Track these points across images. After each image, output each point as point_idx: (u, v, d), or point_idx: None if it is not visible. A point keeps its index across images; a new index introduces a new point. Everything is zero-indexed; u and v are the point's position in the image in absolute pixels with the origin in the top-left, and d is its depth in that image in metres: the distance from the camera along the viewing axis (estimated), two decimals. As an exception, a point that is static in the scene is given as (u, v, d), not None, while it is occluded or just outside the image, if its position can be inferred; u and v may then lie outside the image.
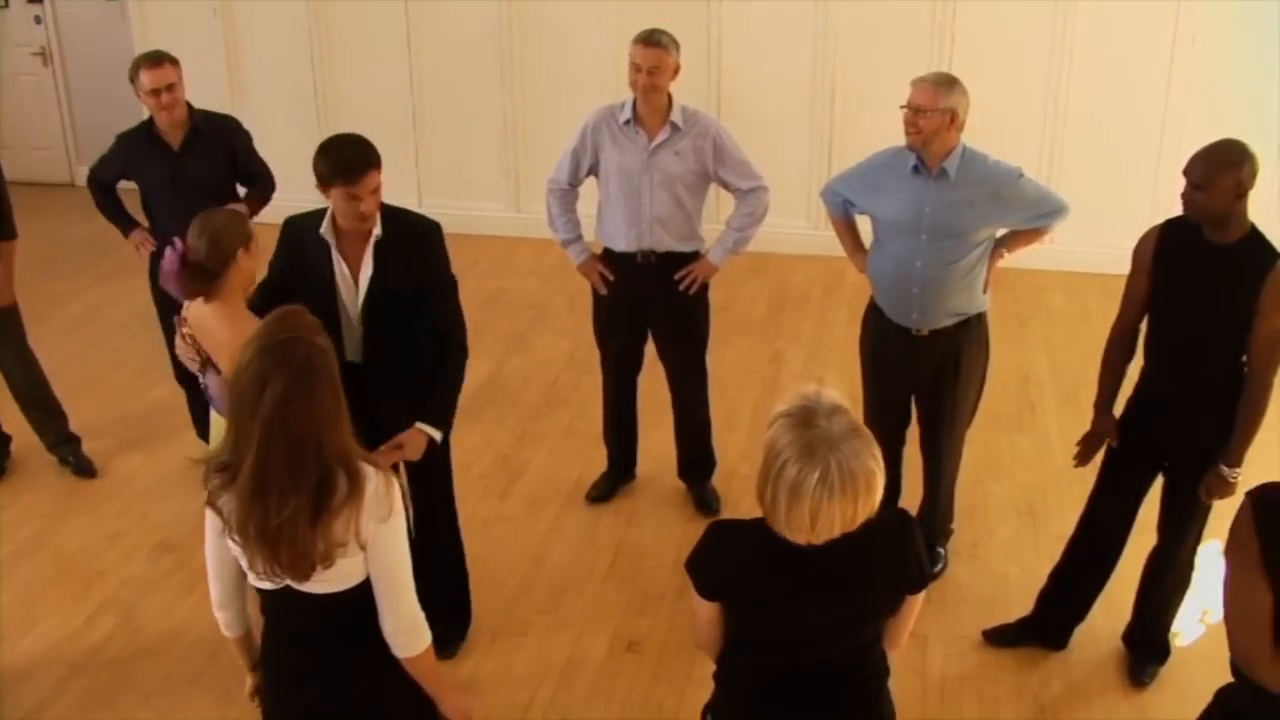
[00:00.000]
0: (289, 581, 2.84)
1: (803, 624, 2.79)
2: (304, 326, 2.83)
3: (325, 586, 2.85)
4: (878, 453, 2.69)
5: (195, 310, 4.08)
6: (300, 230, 4.25)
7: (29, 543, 5.57)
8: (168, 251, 3.97)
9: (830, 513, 2.62)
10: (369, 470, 2.81)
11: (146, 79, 5.48)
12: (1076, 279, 8.11)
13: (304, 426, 2.70)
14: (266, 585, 2.91)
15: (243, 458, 2.73)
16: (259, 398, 2.68)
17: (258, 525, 2.73)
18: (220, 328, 4.02)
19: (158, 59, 5.52)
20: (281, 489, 2.70)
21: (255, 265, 4.06)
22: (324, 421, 2.74)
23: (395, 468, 4.47)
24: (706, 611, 2.89)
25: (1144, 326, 4.38)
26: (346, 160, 4.02)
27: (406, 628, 2.95)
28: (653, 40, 5.11)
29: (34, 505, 5.86)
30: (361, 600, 2.89)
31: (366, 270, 4.19)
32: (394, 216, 4.23)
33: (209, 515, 2.88)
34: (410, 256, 4.23)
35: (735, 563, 2.82)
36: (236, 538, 2.81)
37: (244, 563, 2.88)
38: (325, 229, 4.17)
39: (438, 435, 4.23)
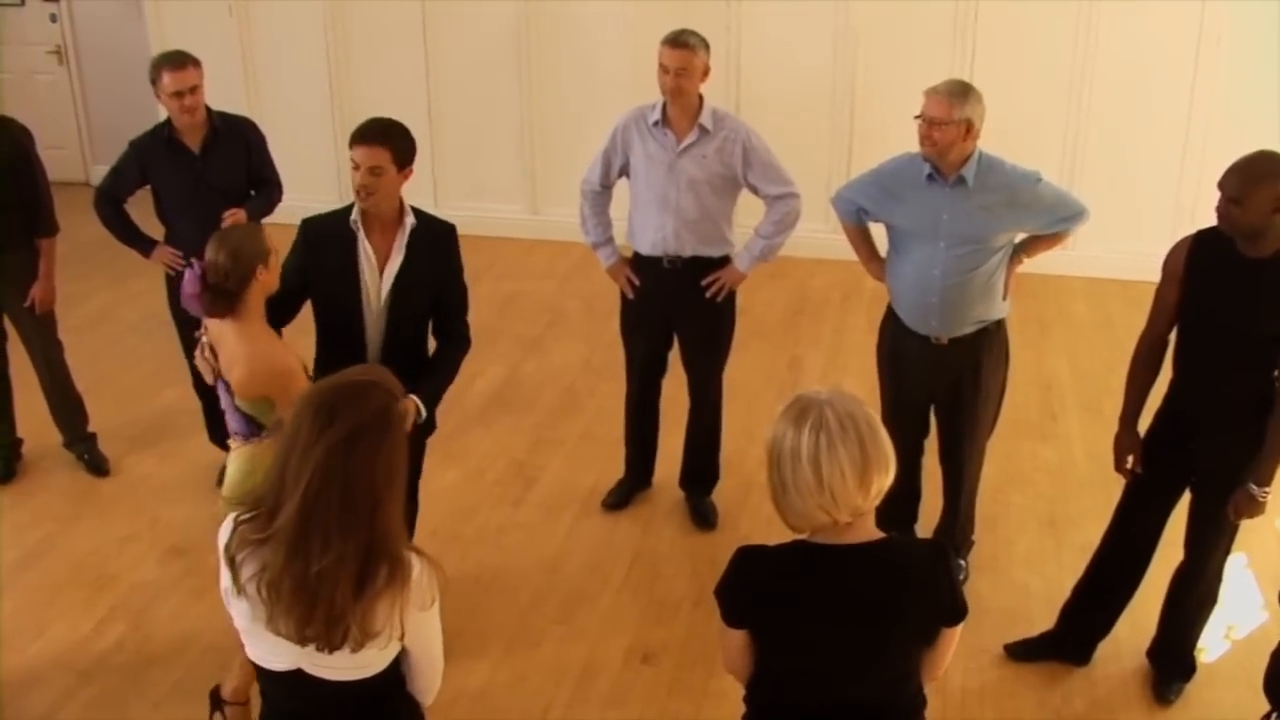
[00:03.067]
0: (303, 664, 2.60)
1: (832, 655, 2.70)
2: (389, 381, 2.59)
3: (343, 673, 2.61)
4: (874, 413, 2.63)
5: (215, 324, 4.03)
6: (321, 227, 4.35)
7: (39, 546, 5.51)
8: (187, 273, 3.91)
9: (835, 460, 2.54)
10: (413, 558, 2.55)
11: (169, 81, 5.38)
12: (1098, 285, 8.04)
13: (363, 480, 2.43)
14: (274, 665, 2.65)
15: (286, 499, 2.44)
16: (318, 436, 2.41)
17: (295, 577, 2.44)
18: (236, 342, 3.96)
19: (180, 60, 5.42)
20: (326, 533, 2.42)
21: (274, 279, 4.02)
22: (386, 483, 2.47)
23: None
24: (734, 639, 2.79)
25: (1172, 339, 4.29)
26: (363, 127, 4.27)
27: (436, 689, 2.82)
28: (680, 41, 5.04)
29: (45, 508, 5.80)
30: (375, 691, 2.67)
31: (397, 258, 4.30)
32: (419, 214, 4.38)
33: (222, 576, 2.57)
34: (435, 254, 4.39)
35: (762, 590, 2.72)
36: (263, 593, 2.49)
37: (258, 626, 2.56)
38: (355, 217, 4.29)
39: (424, 411, 4.32)
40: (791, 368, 7.05)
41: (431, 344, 4.62)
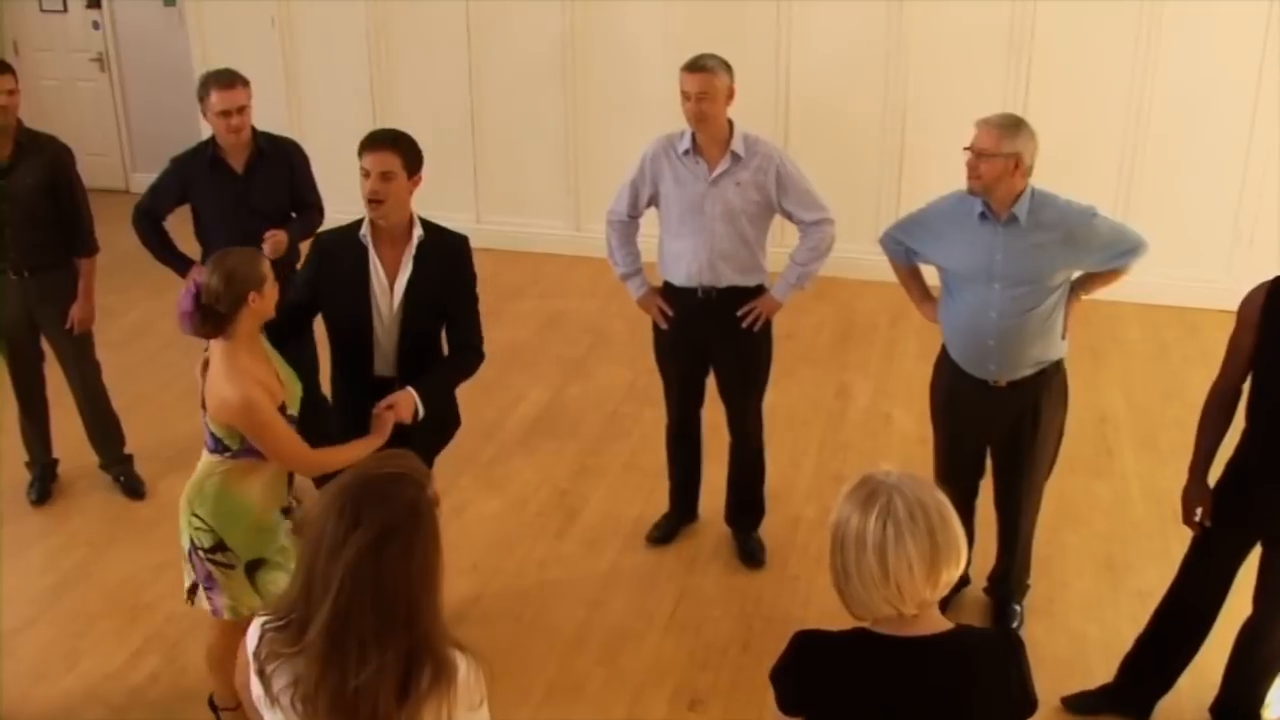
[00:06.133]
0: None
1: None
2: (415, 469, 2.42)
3: None
4: (945, 499, 2.47)
5: (214, 345, 3.97)
6: (333, 243, 4.42)
7: (74, 571, 5.43)
8: (182, 290, 3.87)
9: (903, 552, 2.38)
10: (458, 657, 2.38)
11: (217, 99, 5.30)
12: (1153, 311, 7.84)
13: (398, 581, 2.28)
14: None
15: (315, 609, 2.29)
16: (344, 538, 2.26)
17: (331, 691, 2.29)
18: (217, 366, 3.90)
19: (230, 80, 5.33)
20: (363, 644, 2.26)
21: (268, 307, 3.95)
22: (422, 584, 2.31)
23: None
24: None
25: (1246, 388, 4.12)
26: (371, 134, 4.29)
27: None
28: (698, 65, 4.90)
29: (80, 531, 5.73)
30: None
31: (405, 272, 4.31)
32: (429, 227, 4.39)
33: (253, 684, 2.43)
34: (445, 265, 4.39)
35: (821, 679, 2.56)
36: (298, 707, 2.34)
37: None
38: (364, 231, 4.33)
39: (422, 408, 4.28)
40: (839, 396, 6.91)
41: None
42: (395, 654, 2.28)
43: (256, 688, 2.42)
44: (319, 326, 4.60)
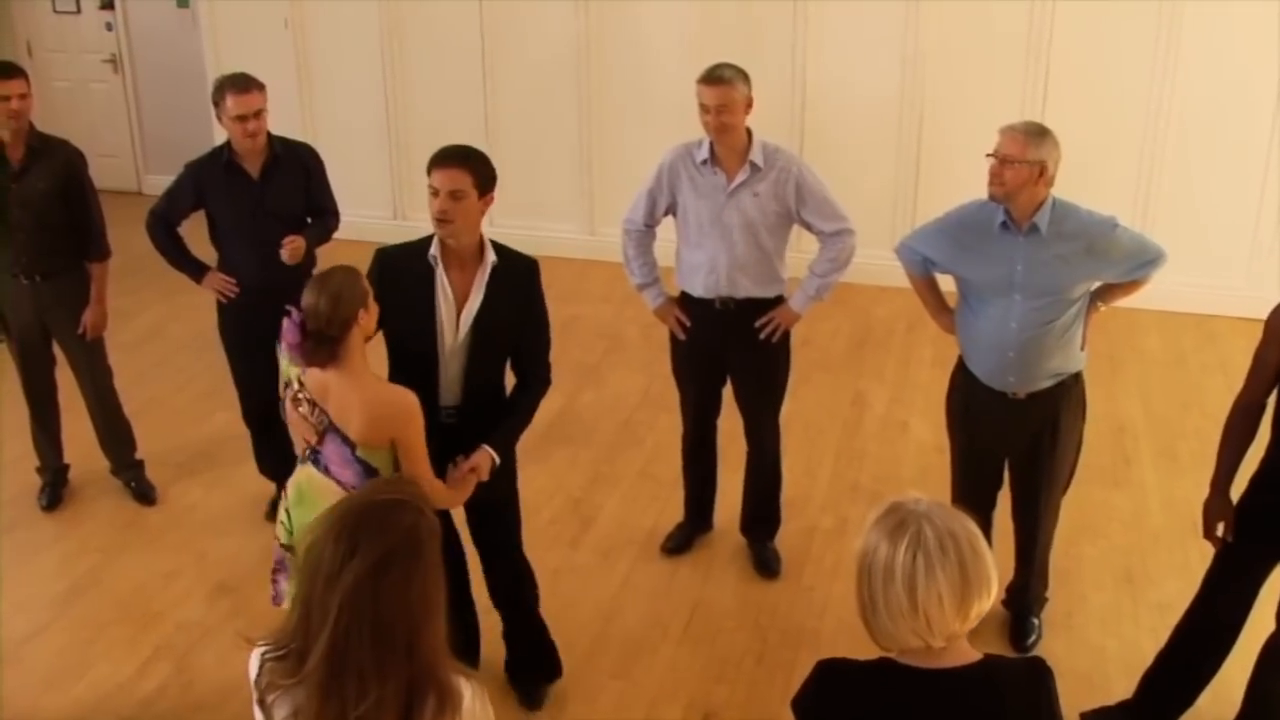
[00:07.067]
0: None
1: None
2: (413, 494, 2.38)
3: None
4: (976, 529, 2.41)
5: (315, 376, 3.82)
6: (396, 258, 4.15)
7: (85, 578, 5.40)
8: (286, 323, 3.75)
9: (933, 584, 2.31)
10: (463, 684, 2.32)
11: (233, 104, 5.24)
12: (1172, 319, 7.76)
13: (397, 610, 2.22)
14: None
15: (313, 639, 2.22)
16: (341, 566, 2.21)
17: None
18: (349, 390, 3.76)
19: (245, 84, 5.28)
20: (362, 675, 2.20)
21: (373, 321, 3.84)
22: (422, 612, 2.25)
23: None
24: None
25: (1271, 401, 4.07)
26: (442, 150, 4.07)
27: None
28: (716, 77, 4.81)
29: (90, 538, 5.70)
30: None
31: (476, 298, 4.08)
32: (500, 250, 4.16)
33: (255, 715, 2.38)
34: (519, 293, 4.19)
35: (844, 711, 2.49)
36: None
37: None
38: (434, 251, 4.08)
39: (498, 461, 4.18)
40: (855, 404, 6.85)
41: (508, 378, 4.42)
42: (396, 684, 2.23)
43: (259, 718, 2.37)
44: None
